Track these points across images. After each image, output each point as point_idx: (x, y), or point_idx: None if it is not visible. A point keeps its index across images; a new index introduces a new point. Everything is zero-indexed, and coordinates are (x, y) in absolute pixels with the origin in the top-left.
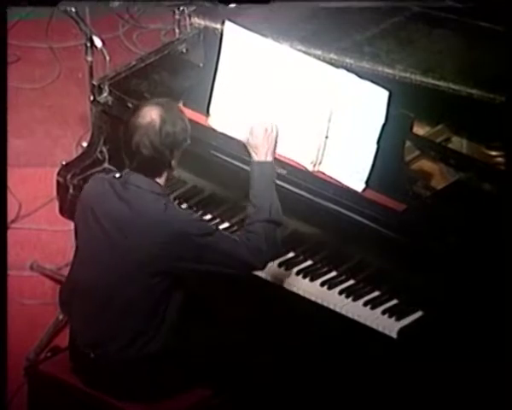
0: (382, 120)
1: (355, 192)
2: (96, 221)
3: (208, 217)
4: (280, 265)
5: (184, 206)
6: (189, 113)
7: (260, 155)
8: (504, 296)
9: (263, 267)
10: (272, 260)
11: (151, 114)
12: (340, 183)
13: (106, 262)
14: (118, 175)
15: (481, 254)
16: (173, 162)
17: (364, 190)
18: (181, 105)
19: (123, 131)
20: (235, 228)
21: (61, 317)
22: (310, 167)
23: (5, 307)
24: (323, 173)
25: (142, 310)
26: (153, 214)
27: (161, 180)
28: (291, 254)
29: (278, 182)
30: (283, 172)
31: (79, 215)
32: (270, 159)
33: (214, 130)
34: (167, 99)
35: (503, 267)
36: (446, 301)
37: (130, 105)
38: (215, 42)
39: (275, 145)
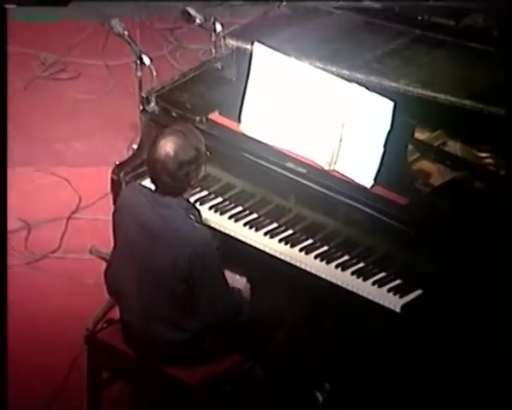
0: (388, 127)
1: (365, 188)
2: (134, 227)
3: (239, 209)
4: (300, 250)
5: (219, 199)
6: (223, 120)
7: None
8: (490, 277)
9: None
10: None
11: (166, 148)
12: (351, 180)
13: (143, 261)
14: (153, 189)
15: (472, 240)
16: (193, 181)
17: (373, 186)
18: (216, 113)
19: (147, 162)
20: (262, 219)
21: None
22: (326, 167)
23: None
24: (337, 172)
25: (174, 294)
26: (181, 231)
27: (186, 194)
28: (310, 241)
29: (299, 179)
30: (304, 171)
31: (119, 218)
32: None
33: (245, 135)
34: (181, 127)
35: (489, 253)
36: (441, 282)
37: (173, 114)
38: (245, 60)
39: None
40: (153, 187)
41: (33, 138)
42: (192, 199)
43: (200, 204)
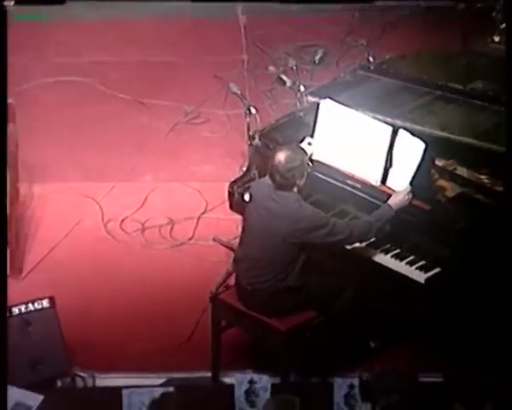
0: (419, 158)
1: None
2: (256, 210)
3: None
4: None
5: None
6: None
7: (393, 204)
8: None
9: (350, 244)
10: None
11: (279, 156)
12: (394, 192)
13: (260, 236)
14: (271, 183)
15: (475, 234)
16: (298, 181)
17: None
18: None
19: (268, 166)
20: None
21: (230, 268)
22: (374, 183)
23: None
24: (383, 187)
25: (283, 263)
26: (292, 209)
27: (295, 189)
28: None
29: (355, 191)
30: (359, 185)
31: (249, 206)
32: (395, 209)
33: (320, 161)
34: (290, 145)
35: (488, 241)
36: (454, 263)
37: (270, 147)
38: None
39: (404, 205)
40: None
41: (177, 163)
42: None
43: None
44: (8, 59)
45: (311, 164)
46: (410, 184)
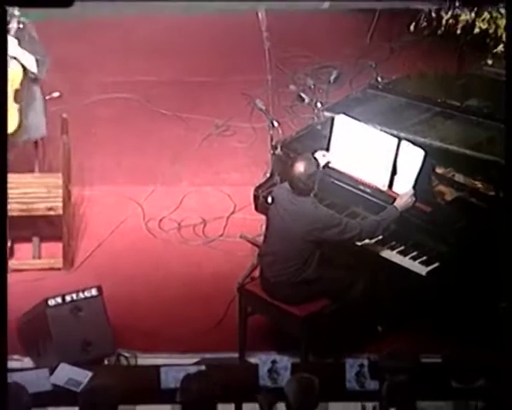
0: (420, 164)
1: None
2: (278, 212)
3: None
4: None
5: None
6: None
7: (398, 205)
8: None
9: (360, 241)
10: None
11: (299, 167)
12: (397, 195)
13: (282, 235)
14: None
15: (471, 234)
16: (315, 186)
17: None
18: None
19: (287, 175)
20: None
21: (255, 262)
22: (382, 188)
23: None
24: (389, 191)
25: (301, 258)
26: (309, 211)
27: (312, 194)
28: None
29: (365, 195)
30: (368, 190)
31: (272, 207)
32: (400, 210)
33: (335, 169)
34: (307, 154)
35: (481, 237)
36: (451, 258)
37: (291, 155)
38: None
39: (408, 206)
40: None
41: (209, 170)
42: None
43: None
44: (69, 74)
45: (322, 170)
46: (413, 187)
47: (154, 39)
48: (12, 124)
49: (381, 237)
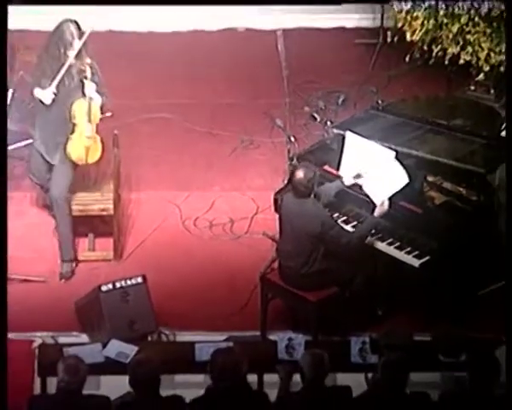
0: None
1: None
2: (287, 215)
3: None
4: (372, 235)
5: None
6: (330, 169)
7: (377, 214)
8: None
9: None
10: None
11: (299, 173)
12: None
13: (291, 233)
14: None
15: (457, 232)
16: (315, 188)
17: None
18: (327, 166)
19: (291, 181)
20: (355, 223)
21: (274, 255)
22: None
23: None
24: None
25: (306, 252)
26: (310, 209)
27: (311, 195)
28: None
29: (359, 195)
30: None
31: (282, 211)
32: (377, 218)
33: (340, 176)
34: (305, 163)
35: (467, 239)
36: (440, 252)
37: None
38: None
39: (384, 212)
40: None
41: (236, 177)
42: None
43: None
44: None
45: (318, 174)
46: (401, 192)
47: (190, 68)
48: (97, 154)
49: (380, 235)
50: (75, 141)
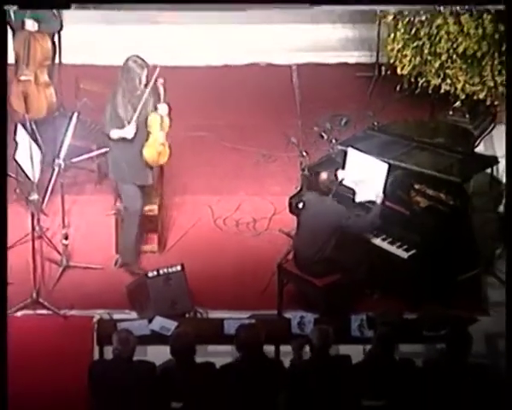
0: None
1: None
2: (308, 211)
3: None
4: (369, 233)
5: None
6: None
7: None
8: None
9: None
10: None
11: (323, 176)
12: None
13: (311, 223)
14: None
15: (438, 230)
16: (334, 188)
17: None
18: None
19: (315, 183)
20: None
21: (289, 248)
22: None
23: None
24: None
25: (321, 241)
26: (330, 204)
27: (331, 194)
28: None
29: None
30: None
31: (303, 210)
32: (379, 208)
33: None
34: (330, 169)
35: (446, 236)
36: (425, 247)
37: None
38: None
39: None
40: None
41: (258, 184)
42: None
43: None
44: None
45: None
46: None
47: (222, 96)
48: (166, 157)
49: (376, 232)
50: (150, 146)
